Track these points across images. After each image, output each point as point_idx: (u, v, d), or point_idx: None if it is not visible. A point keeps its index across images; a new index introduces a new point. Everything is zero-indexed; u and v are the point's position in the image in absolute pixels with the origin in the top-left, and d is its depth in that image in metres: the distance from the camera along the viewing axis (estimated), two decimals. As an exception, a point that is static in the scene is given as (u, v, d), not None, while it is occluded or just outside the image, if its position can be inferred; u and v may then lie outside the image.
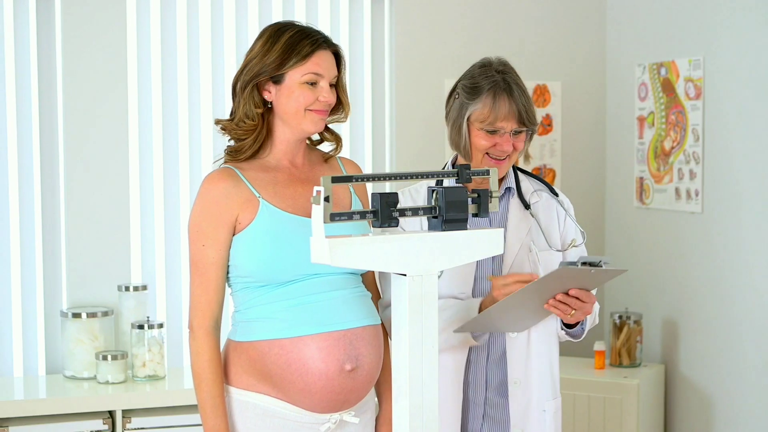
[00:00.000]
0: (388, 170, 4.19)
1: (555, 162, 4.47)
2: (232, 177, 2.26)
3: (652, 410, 4.10)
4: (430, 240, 1.90)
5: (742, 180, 3.79)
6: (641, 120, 4.31)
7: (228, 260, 2.26)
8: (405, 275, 1.87)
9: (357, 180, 1.89)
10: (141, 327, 3.56)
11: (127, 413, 3.39)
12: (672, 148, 4.13)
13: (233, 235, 2.25)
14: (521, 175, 2.57)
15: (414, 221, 2.42)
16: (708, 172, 3.96)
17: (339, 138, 2.41)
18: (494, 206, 1.99)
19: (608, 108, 4.53)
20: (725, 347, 3.90)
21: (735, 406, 3.86)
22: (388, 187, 3.97)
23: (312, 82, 2.25)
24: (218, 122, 2.34)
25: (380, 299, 2.46)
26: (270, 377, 2.23)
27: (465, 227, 1.93)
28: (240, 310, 2.29)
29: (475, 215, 1.97)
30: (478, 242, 1.95)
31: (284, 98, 2.26)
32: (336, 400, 2.24)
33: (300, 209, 2.26)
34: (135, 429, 3.38)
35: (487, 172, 2.01)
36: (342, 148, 2.41)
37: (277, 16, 3.98)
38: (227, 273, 2.28)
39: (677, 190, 4.11)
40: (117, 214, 3.78)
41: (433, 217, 1.92)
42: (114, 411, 3.38)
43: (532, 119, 2.43)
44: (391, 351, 1.94)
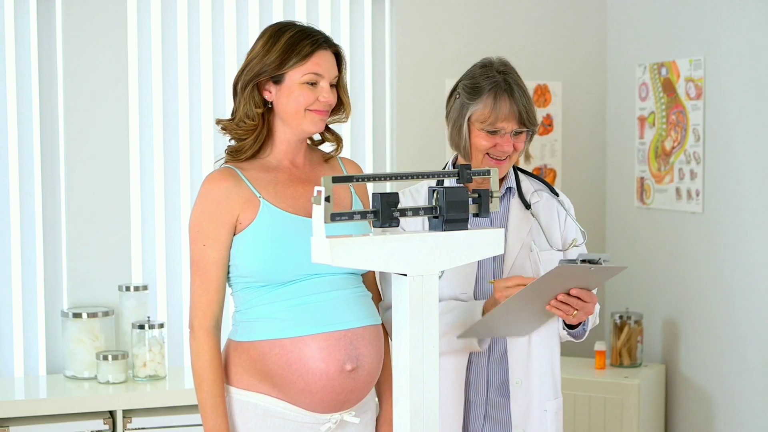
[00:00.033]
0: (389, 170, 4.19)
1: (555, 162, 4.46)
2: (233, 177, 2.26)
3: (653, 410, 4.10)
4: (431, 240, 1.89)
5: (743, 180, 3.79)
6: (642, 120, 4.31)
7: (229, 260, 2.26)
8: (406, 275, 1.87)
9: (358, 180, 1.89)
10: (142, 327, 3.56)
11: (128, 413, 3.39)
12: (673, 148, 4.13)
13: (234, 235, 2.25)
14: (521, 175, 2.57)
15: (415, 221, 2.42)
16: (709, 172, 3.95)
17: (340, 139, 2.40)
18: (495, 206, 1.98)
19: (609, 108, 4.52)
20: (726, 347, 3.89)
21: (736, 407, 3.86)
22: (389, 187, 3.98)
23: (312, 83, 2.25)
24: (219, 122, 2.34)
25: (381, 301, 2.45)
26: (270, 377, 2.23)
27: (466, 227, 1.92)
28: (240, 310, 2.29)
29: (476, 215, 1.97)
30: (479, 242, 1.95)
31: (284, 98, 2.26)
32: (336, 400, 2.24)
33: (301, 209, 2.26)
34: (136, 429, 3.38)
35: (488, 172, 2.01)
36: (342, 149, 2.41)
37: (278, 16, 3.98)
38: (228, 273, 2.28)
39: (678, 190, 4.11)
40: (117, 214, 3.77)
41: (434, 217, 1.92)
42: (114, 411, 3.38)
43: (533, 120, 2.43)
44: (392, 351, 1.93)
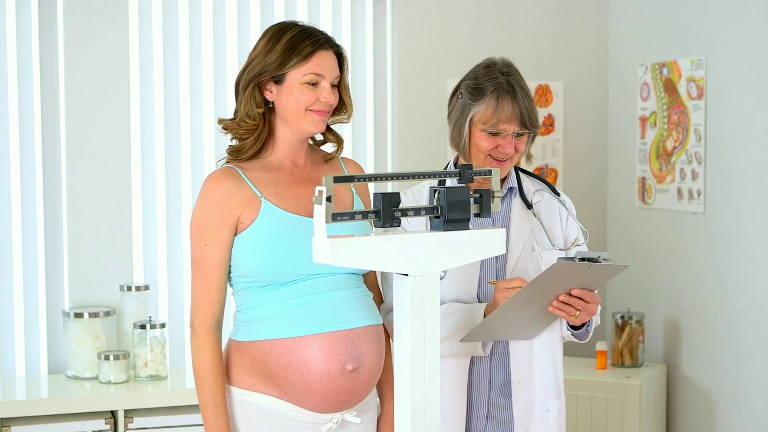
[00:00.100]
0: (390, 170, 4.19)
1: (557, 162, 4.46)
2: (234, 177, 2.26)
3: (655, 410, 4.10)
4: (432, 240, 1.89)
5: (745, 180, 3.78)
6: (643, 120, 4.31)
7: (230, 260, 2.26)
8: (407, 275, 1.87)
9: (359, 180, 1.89)
10: (143, 327, 3.56)
11: (129, 413, 3.39)
12: (674, 148, 4.13)
13: (235, 235, 2.25)
14: (523, 175, 2.56)
15: (417, 222, 2.42)
16: (710, 172, 3.95)
17: (340, 139, 2.40)
18: (496, 206, 1.98)
19: (610, 108, 4.52)
20: (727, 347, 3.89)
21: (737, 406, 3.85)
22: (390, 187, 3.97)
23: (313, 83, 2.25)
24: (221, 122, 2.34)
25: (382, 303, 2.45)
26: (271, 377, 2.23)
27: (467, 227, 1.92)
28: (242, 310, 2.29)
29: (477, 215, 1.97)
30: (481, 242, 1.94)
31: (285, 98, 2.26)
32: (337, 400, 2.24)
33: (302, 209, 2.26)
34: (137, 429, 3.38)
35: (489, 173, 2.00)
36: (343, 150, 2.41)
37: (279, 16, 3.98)
38: (229, 273, 2.28)
39: (679, 190, 4.11)
40: (119, 214, 3.78)
41: (435, 217, 1.92)
42: (116, 411, 3.38)
43: (535, 122, 2.43)
44: (393, 351, 1.93)
